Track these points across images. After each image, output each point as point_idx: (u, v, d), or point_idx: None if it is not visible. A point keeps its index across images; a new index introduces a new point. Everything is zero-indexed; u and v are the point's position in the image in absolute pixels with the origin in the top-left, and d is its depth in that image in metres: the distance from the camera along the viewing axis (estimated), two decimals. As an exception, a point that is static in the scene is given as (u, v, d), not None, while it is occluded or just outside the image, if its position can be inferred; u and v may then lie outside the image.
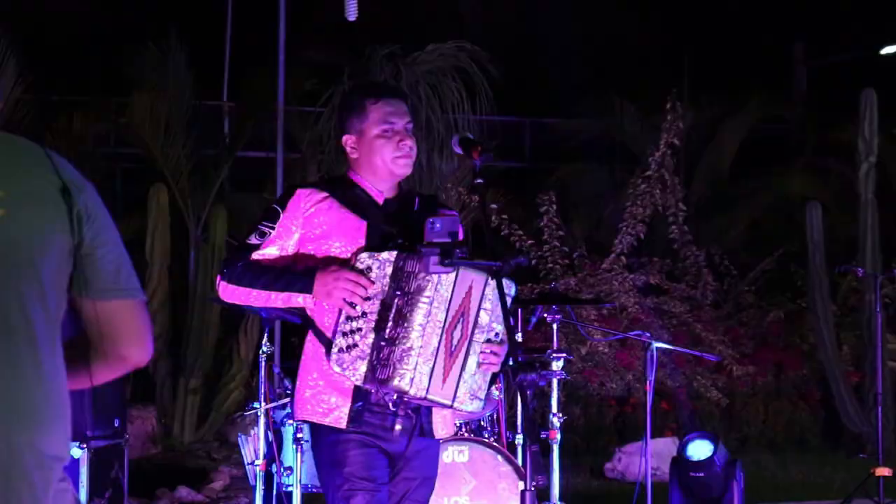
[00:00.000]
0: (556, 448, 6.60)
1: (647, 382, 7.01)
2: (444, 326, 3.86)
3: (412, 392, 3.83)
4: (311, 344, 4.08)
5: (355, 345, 3.87)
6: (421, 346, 3.83)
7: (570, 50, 19.74)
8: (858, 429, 11.88)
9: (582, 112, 16.46)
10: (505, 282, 3.88)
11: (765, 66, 19.96)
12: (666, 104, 13.13)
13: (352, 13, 10.09)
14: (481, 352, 3.92)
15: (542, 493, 6.41)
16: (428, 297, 3.84)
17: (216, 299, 4.25)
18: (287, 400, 6.54)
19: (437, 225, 3.85)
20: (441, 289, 3.86)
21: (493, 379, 4.08)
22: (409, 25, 15.82)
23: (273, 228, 4.04)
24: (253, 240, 4.06)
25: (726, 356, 12.17)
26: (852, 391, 12.00)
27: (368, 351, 3.86)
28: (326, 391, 4.00)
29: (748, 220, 16.14)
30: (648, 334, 7.31)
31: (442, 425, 4.12)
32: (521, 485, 6.11)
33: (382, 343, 3.84)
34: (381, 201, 4.12)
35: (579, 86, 17.20)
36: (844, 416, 11.94)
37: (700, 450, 7.49)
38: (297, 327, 4.20)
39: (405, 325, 3.83)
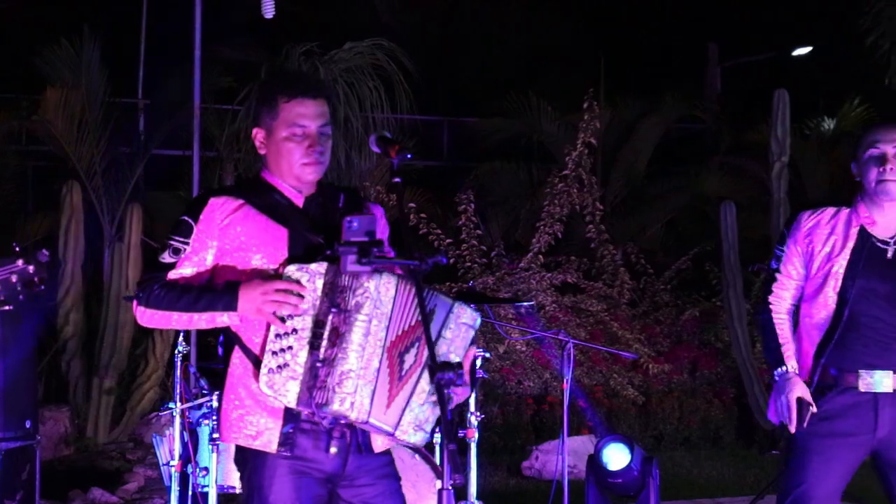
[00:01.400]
0: (473, 446, 6.62)
1: (564, 381, 7.02)
2: (384, 345, 3.63)
3: (353, 416, 3.60)
4: (238, 360, 3.83)
5: (286, 364, 3.65)
6: (362, 368, 3.58)
7: (488, 49, 19.83)
8: (771, 426, 12.03)
9: (500, 111, 16.48)
10: (470, 312, 3.76)
11: (680, 67, 20.16)
12: (583, 104, 13.22)
13: (268, 11, 10.04)
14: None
15: (460, 492, 6.41)
16: (367, 314, 3.60)
17: (130, 297, 4.04)
18: (203, 400, 6.49)
19: (355, 224, 3.66)
20: (381, 305, 3.62)
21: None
22: (327, 24, 15.76)
23: (187, 244, 3.81)
24: (167, 258, 3.82)
25: (642, 354, 12.26)
26: (765, 389, 12.12)
27: (301, 371, 3.65)
28: (255, 412, 3.78)
29: (664, 219, 16.26)
30: (565, 333, 7.33)
31: (381, 438, 3.88)
32: (438, 483, 6.09)
33: (318, 364, 3.62)
34: (300, 203, 3.90)
35: (497, 85, 17.26)
36: (757, 414, 12.07)
37: (617, 458, 7.40)
38: (214, 329, 3.98)
39: (343, 345, 3.60)
